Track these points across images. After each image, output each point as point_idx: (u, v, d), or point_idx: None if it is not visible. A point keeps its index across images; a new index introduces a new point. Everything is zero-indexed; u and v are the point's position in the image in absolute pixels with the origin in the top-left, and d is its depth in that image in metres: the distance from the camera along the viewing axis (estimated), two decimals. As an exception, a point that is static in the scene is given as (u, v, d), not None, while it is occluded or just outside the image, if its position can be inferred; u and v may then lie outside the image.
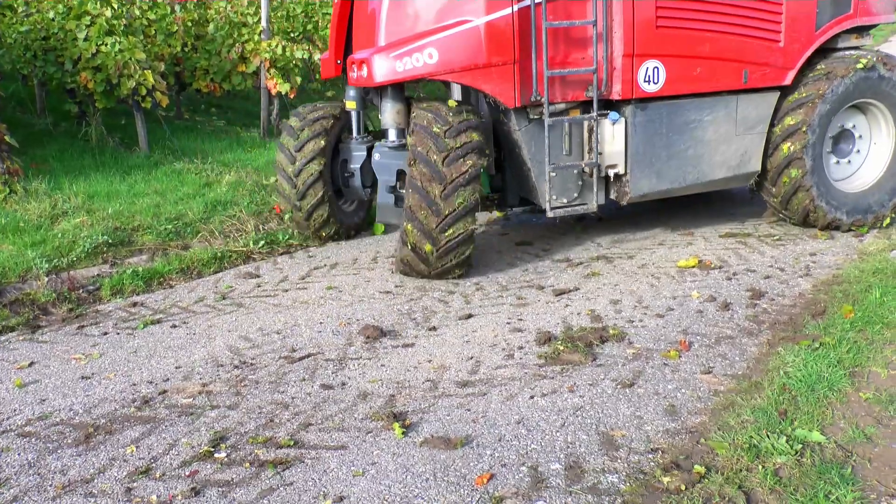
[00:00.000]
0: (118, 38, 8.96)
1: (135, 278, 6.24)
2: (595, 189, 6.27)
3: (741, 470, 3.22)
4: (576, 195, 6.30)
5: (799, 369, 4.07)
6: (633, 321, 5.04)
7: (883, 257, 5.87)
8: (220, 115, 12.91)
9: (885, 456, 3.28)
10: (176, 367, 4.70)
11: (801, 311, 5.04)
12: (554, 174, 6.12)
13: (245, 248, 7.04)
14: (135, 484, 3.41)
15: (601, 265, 6.28)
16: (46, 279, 6.07)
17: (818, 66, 6.66)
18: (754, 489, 3.09)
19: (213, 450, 3.66)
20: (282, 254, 7.07)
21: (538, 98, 5.92)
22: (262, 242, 7.16)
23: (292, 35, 13.16)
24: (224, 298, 5.95)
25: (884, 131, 6.91)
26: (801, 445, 3.35)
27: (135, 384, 4.48)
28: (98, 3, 9.04)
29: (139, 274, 6.30)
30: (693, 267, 6.04)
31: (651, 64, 6.02)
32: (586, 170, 6.21)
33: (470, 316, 5.32)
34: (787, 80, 6.55)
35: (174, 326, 5.42)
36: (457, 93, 6.26)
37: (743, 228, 7.08)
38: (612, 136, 6.18)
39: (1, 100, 8.17)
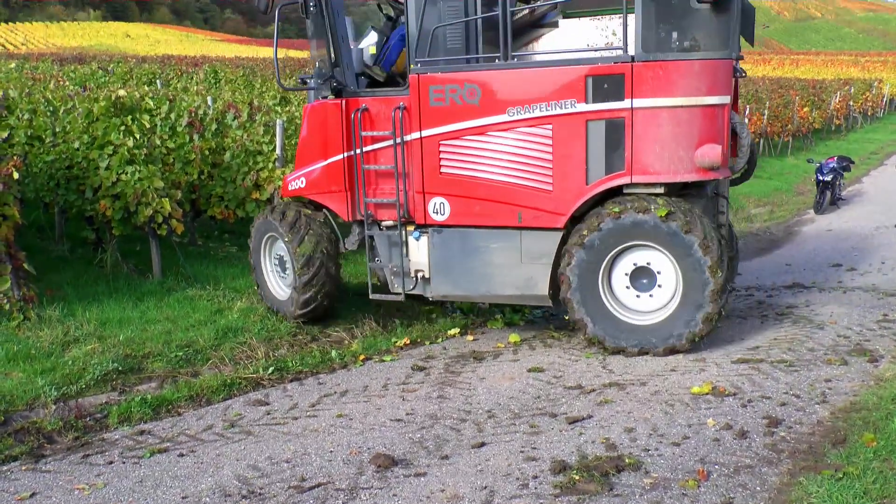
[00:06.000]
0: (138, 167, 9.24)
1: (143, 405, 6.19)
2: (404, 285, 7.93)
3: None
4: (399, 288, 7.95)
5: (824, 500, 3.95)
6: (648, 449, 4.94)
7: (900, 383, 5.79)
8: (233, 241, 13.12)
9: None
10: (182, 498, 4.59)
11: (820, 439, 4.93)
12: (375, 271, 8.12)
13: (255, 375, 7.01)
14: None
15: (614, 392, 6.21)
16: (54, 407, 6.04)
17: (589, 216, 7.03)
18: None
19: (218, 587, 3.53)
20: (291, 380, 7.03)
21: (363, 216, 7.95)
22: (271, 369, 7.14)
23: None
24: (233, 426, 5.88)
25: (672, 273, 6.92)
26: (831, 583, 3.21)
27: (139, 516, 4.37)
28: (121, 133, 9.37)
29: (147, 401, 6.26)
30: (707, 393, 5.96)
31: (438, 199, 7.52)
32: (395, 270, 7.91)
33: (483, 444, 5.23)
34: (560, 224, 7.16)
35: (181, 455, 5.33)
36: None
37: (755, 354, 7.02)
38: (418, 248, 7.82)
39: (21, 227, 8.34)
